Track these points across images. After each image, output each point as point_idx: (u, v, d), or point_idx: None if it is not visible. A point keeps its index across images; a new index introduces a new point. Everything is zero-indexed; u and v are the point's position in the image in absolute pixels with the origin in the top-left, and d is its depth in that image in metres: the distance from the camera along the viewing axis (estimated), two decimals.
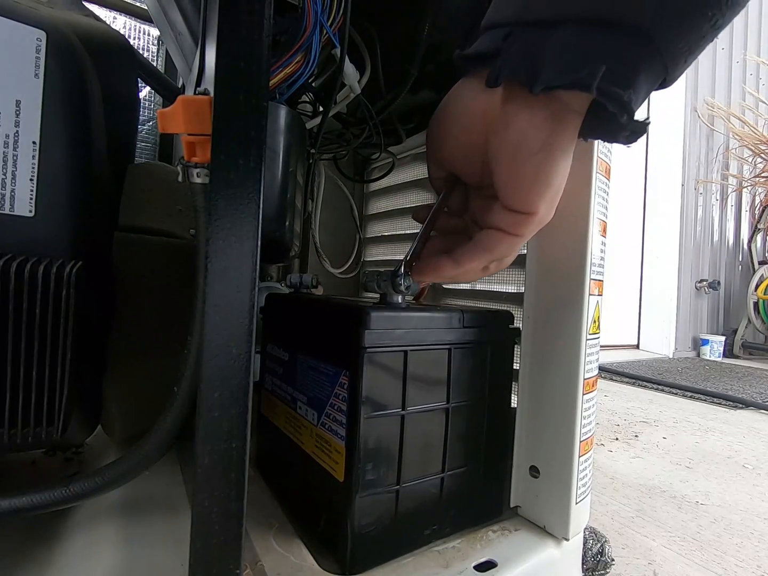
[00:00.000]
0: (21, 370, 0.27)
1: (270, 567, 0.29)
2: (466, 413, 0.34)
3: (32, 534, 0.33)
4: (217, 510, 0.20)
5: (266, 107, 0.20)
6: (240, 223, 0.20)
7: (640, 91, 0.22)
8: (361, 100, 0.48)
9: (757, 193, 2.98)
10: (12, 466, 0.41)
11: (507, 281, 0.50)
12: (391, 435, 0.30)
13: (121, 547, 0.32)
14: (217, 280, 0.20)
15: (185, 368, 0.23)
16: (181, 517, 0.36)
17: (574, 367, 0.34)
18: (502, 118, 0.26)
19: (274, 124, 0.35)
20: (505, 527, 0.36)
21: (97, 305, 0.33)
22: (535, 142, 0.26)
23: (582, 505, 0.35)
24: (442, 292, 0.60)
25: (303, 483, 0.36)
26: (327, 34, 0.36)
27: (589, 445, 0.36)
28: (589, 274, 0.34)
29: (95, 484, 0.24)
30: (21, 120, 0.27)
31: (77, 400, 0.30)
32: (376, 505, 0.30)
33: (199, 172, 0.23)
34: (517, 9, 0.24)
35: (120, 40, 0.35)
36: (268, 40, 0.20)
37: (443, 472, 0.33)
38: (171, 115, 0.22)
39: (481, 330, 0.35)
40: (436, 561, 0.31)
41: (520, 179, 0.27)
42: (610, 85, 0.21)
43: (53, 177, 0.28)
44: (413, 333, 0.31)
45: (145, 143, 0.79)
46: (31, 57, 0.27)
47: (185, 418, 0.24)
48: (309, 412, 0.34)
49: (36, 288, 0.27)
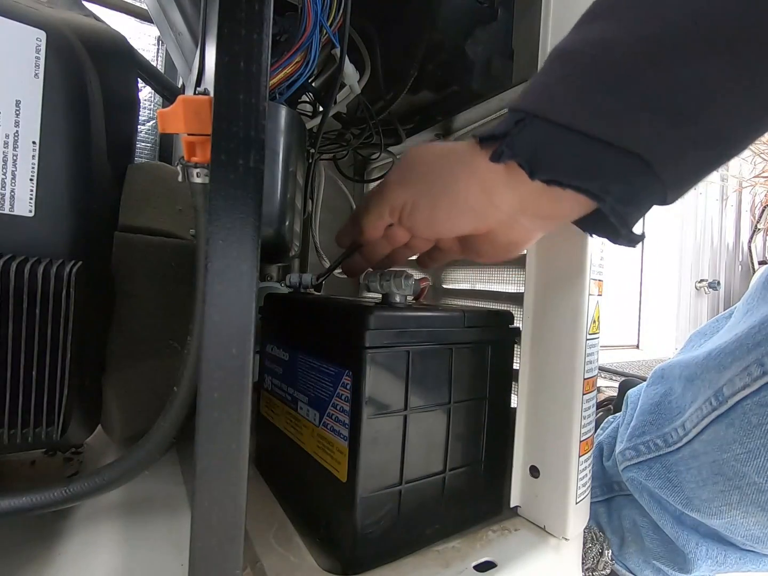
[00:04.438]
0: (21, 370, 0.27)
1: (270, 567, 0.29)
2: (467, 413, 0.34)
3: (32, 534, 0.33)
4: (217, 510, 0.20)
5: (266, 107, 0.20)
6: (240, 223, 0.20)
7: (640, 209, 0.24)
8: (361, 100, 0.48)
9: (757, 193, 2.98)
10: (12, 466, 0.41)
11: (507, 281, 0.50)
12: (393, 435, 0.30)
13: (120, 547, 0.32)
14: (217, 280, 0.19)
15: (185, 368, 0.23)
16: (181, 517, 0.36)
17: (574, 367, 0.34)
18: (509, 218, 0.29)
19: (274, 124, 0.35)
20: (504, 527, 0.36)
21: (97, 305, 0.33)
22: (529, 237, 0.30)
23: (582, 505, 0.35)
24: (443, 292, 0.60)
25: (304, 483, 0.36)
26: (327, 34, 0.36)
27: (589, 445, 0.36)
28: (589, 274, 0.34)
29: (95, 484, 0.24)
30: (21, 120, 0.27)
31: (77, 401, 0.30)
32: (379, 505, 0.30)
33: (199, 172, 0.23)
34: (535, 100, 0.25)
35: (120, 40, 0.35)
36: (268, 40, 0.20)
37: (445, 472, 0.33)
38: (171, 115, 0.22)
39: (482, 330, 0.35)
40: (436, 561, 0.31)
41: (500, 257, 0.32)
42: (613, 202, 0.23)
43: (53, 177, 0.28)
44: (415, 333, 0.31)
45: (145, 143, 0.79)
46: (31, 57, 0.27)
47: (185, 418, 0.24)
48: (310, 412, 0.34)
49: (36, 288, 0.27)
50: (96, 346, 0.35)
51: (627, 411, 0.57)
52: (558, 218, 0.28)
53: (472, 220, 0.29)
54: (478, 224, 0.29)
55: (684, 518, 0.47)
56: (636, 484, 0.50)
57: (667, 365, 0.53)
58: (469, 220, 0.29)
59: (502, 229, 0.30)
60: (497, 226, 0.30)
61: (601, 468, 0.57)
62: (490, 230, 0.30)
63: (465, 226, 0.30)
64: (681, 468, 0.45)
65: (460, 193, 0.28)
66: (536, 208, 0.27)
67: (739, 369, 0.39)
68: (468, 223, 0.29)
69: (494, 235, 0.30)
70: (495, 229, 0.30)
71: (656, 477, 0.48)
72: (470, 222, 0.29)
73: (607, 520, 0.55)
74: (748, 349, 0.39)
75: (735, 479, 0.40)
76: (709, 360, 0.44)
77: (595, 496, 0.56)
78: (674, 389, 0.49)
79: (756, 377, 0.38)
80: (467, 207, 0.28)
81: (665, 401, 0.50)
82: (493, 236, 0.31)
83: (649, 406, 0.52)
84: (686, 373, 0.47)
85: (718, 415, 0.41)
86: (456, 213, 0.29)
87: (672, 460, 0.46)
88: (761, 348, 0.38)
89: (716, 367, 0.42)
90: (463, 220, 0.29)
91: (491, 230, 0.30)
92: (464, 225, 0.30)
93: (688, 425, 0.44)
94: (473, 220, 0.29)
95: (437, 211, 0.29)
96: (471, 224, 0.29)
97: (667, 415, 0.48)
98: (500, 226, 0.29)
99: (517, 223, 0.29)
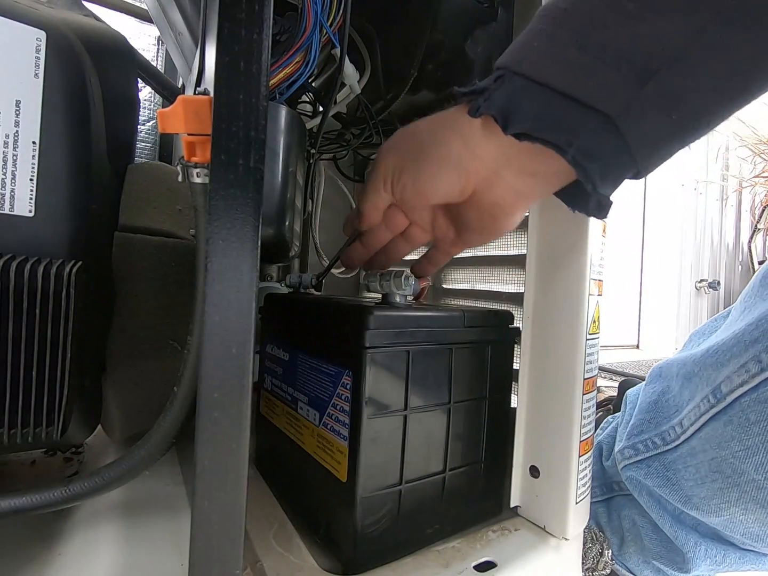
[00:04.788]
0: (21, 370, 0.27)
1: (270, 567, 0.29)
2: (467, 413, 0.34)
3: (32, 534, 0.33)
4: (217, 510, 0.20)
5: (266, 107, 0.20)
6: (240, 223, 0.20)
7: (607, 168, 0.25)
8: (361, 100, 0.48)
9: (757, 193, 2.97)
10: (12, 466, 0.41)
11: (507, 281, 0.50)
12: (393, 434, 0.30)
13: (121, 547, 0.32)
14: (216, 280, 0.19)
15: (185, 368, 0.23)
16: (181, 517, 0.36)
17: (574, 367, 0.34)
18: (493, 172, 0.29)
19: (274, 124, 0.35)
20: (504, 527, 0.36)
21: (97, 305, 0.33)
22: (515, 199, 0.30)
23: (582, 505, 0.35)
24: (443, 292, 0.60)
25: (304, 483, 0.36)
26: (327, 34, 0.36)
27: (589, 445, 0.36)
28: (589, 274, 0.34)
29: (95, 484, 0.24)
30: (21, 120, 0.27)
31: (77, 401, 0.30)
32: (379, 504, 0.30)
33: (199, 172, 0.22)
34: (513, 56, 0.26)
35: (120, 40, 0.35)
36: (268, 40, 0.20)
37: (444, 472, 0.33)
38: (171, 115, 0.22)
39: (482, 330, 0.35)
40: (436, 561, 0.31)
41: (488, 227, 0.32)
42: (576, 153, 0.24)
43: (53, 177, 0.28)
44: (415, 333, 0.31)
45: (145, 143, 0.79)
46: (31, 57, 0.27)
47: (185, 418, 0.24)
48: (310, 412, 0.34)
49: (36, 288, 0.27)
50: (96, 346, 0.35)
51: (626, 410, 0.57)
52: (540, 177, 0.28)
53: (455, 176, 0.29)
54: (462, 180, 0.29)
55: (683, 517, 0.47)
56: (635, 483, 0.50)
57: (664, 363, 0.53)
58: (453, 177, 0.29)
59: (485, 187, 0.30)
60: (481, 185, 0.30)
61: (601, 468, 0.57)
62: (475, 192, 0.30)
63: (450, 184, 0.30)
64: (679, 466, 0.45)
65: (442, 150, 0.29)
66: (519, 162, 0.28)
67: (736, 366, 0.39)
68: (452, 180, 0.30)
69: (479, 197, 0.30)
70: (478, 189, 0.30)
71: (655, 475, 0.48)
72: (454, 179, 0.29)
73: (607, 520, 0.55)
74: (745, 345, 0.39)
75: (734, 476, 0.40)
76: (706, 357, 0.44)
77: (594, 496, 0.56)
78: (672, 387, 0.49)
79: (754, 374, 0.38)
80: (450, 162, 0.29)
81: (663, 399, 0.50)
82: (478, 199, 0.31)
83: (647, 404, 0.52)
84: (684, 371, 0.47)
85: (716, 412, 0.41)
86: (439, 170, 0.30)
87: (670, 458, 0.46)
88: (759, 345, 0.38)
89: (714, 364, 0.42)
90: (447, 177, 0.30)
91: (475, 192, 0.30)
92: (449, 183, 0.30)
93: (685, 423, 0.44)
94: (456, 177, 0.29)
95: (422, 172, 0.30)
96: (455, 181, 0.30)
97: (665, 413, 0.48)
98: (484, 184, 0.30)
99: (500, 180, 0.29)
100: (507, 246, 0.51)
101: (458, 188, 0.30)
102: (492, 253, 0.53)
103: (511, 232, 0.50)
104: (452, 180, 0.30)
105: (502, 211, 0.31)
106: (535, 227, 0.38)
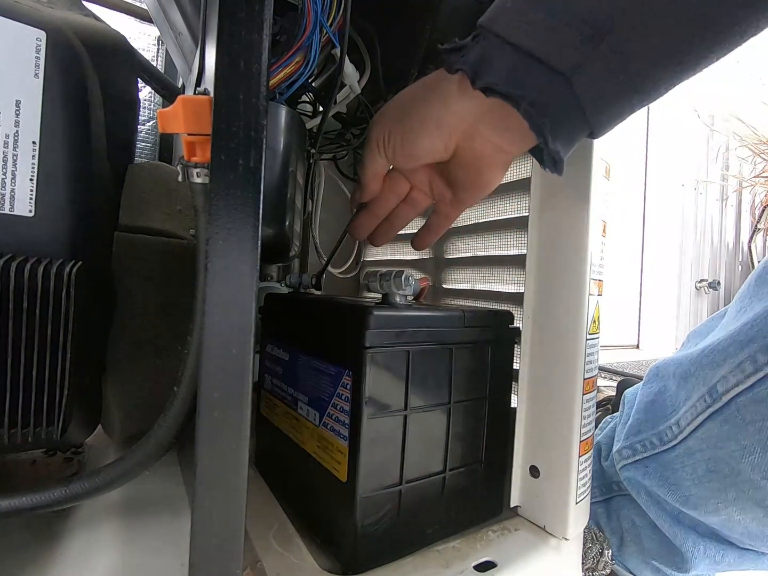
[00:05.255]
0: (21, 370, 0.27)
1: (270, 567, 0.29)
2: (467, 413, 0.34)
3: (32, 534, 0.33)
4: (217, 510, 0.20)
5: (266, 107, 0.20)
6: (240, 223, 0.20)
7: (559, 123, 0.27)
8: (361, 100, 0.48)
9: (757, 193, 2.97)
10: (12, 466, 0.41)
11: (507, 281, 0.50)
12: (393, 434, 0.30)
13: (121, 547, 0.32)
14: (217, 280, 0.19)
15: (185, 368, 0.23)
16: (181, 517, 0.36)
17: (574, 367, 0.34)
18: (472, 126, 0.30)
19: (274, 124, 0.35)
20: (505, 527, 0.36)
21: (97, 305, 0.33)
22: (493, 152, 0.31)
23: (582, 505, 0.35)
24: (443, 292, 0.60)
25: (304, 483, 0.36)
26: (327, 34, 0.36)
27: (589, 445, 0.36)
28: (589, 274, 0.34)
29: (95, 484, 0.24)
30: (21, 120, 0.27)
31: (77, 400, 0.30)
32: (379, 504, 0.30)
33: (199, 172, 0.22)
34: (489, 17, 0.28)
35: (120, 40, 0.35)
36: (268, 40, 0.20)
37: (445, 472, 0.33)
38: (171, 115, 0.22)
39: (482, 330, 0.35)
40: (436, 561, 0.31)
41: (475, 182, 0.33)
42: (528, 106, 0.26)
43: (53, 177, 0.28)
44: (415, 333, 0.31)
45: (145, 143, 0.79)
46: (31, 57, 0.27)
47: (185, 418, 0.24)
48: (310, 412, 0.34)
49: (36, 288, 0.27)
50: (96, 346, 0.35)
51: (624, 410, 0.57)
52: (514, 132, 0.29)
53: (436, 133, 0.31)
54: (444, 137, 0.31)
55: (682, 517, 0.47)
56: (633, 483, 0.50)
57: (661, 363, 0.53)
58: (435, 134, 0.31)
59: (465, 142, 0.31)
60: (461, 140, 0.31)
61: (600, 468, 0.57)
62: (457, 147, 0.32)
63: (432, 141, 0.32)
64: (677, 466, 0.45)
65: (423, 109, 0.31)
66: (491, 117, 0.29)
67: (732, 366, 0.39)
68: (433, 136, 0.31)
69: (461, 152, 0.32)
70: (460, 144, 0.32)
71: (653, 475, 0.48)
72: (435, 135, 0.31)
73: (606, 521, 0.55)
74: (740, 345, 0.39)
75: (731, 476, 0.40)
76: (702, 357, 0.44)
77: (593, 497, 0.56)
78: (669, 387, 0.49)
79: (749, 374, 0.38)
80: (431, 120, 0.31)
81: (660, 399, 0.50)
82: (461, 155, 0.32)
83: (644, 404, 0.52)
84: (680, 371, 0.47)
85: (712, 412, 0.41)
86: (421, 128, 0.31)
87: (668, 458, 0.47)
88: (754, 344, 0.38)
89: (710, 364, 0.42)
90: (429, 134, 0.31)
91: (458, 147, 0.32)
92: (431, 140, 0.31)
93: (682, 423, 0.45)
94: (438, 134, 0.31)
95: (407, 132, 0.32)
96: (437, 138, 0.31)
97: (661, 413, 0.49)
98: (463, 138, 0.31)
99: (477, 134, 0.31)
100: (507, 246, 0.51)
101: (441, 145, 0.32)
102: (492, 253, 0.53)
103: (511, 232, 0.50)
104: (434, 137, 0.31)
105: (484, 163, 0.32)
106: (535, 227, 0.38)
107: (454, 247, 0.59)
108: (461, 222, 0.57)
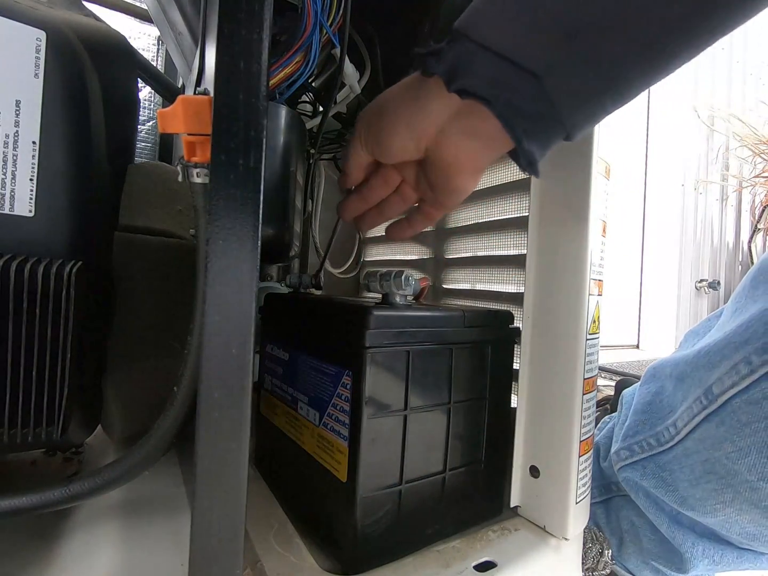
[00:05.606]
0: (21, 370, 0.27)
1: (270, 567, 0.29)
2: (467, 413, 0.34)
3: (32, 534, 0.33)
4: (217, 510, 0.20)
5: (266, 107, 0.20)
6: (240, 223, 0.20)
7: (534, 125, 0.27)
8: (361, 100, 0.48)
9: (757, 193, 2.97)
10: (12, 466, 0.41)
11: (507, 281, 0.50)
12: (393, 434, 0.30)
13: (121, 548, 0.32)
14: (217, 280, 0.19)
15: (185, 368, 0.23)
16: (181, 517, 0.36)
17: (574, 367, 0.34)
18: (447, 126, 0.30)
19: (274, 124, 0.35)
20: (505, 527, 0.36)
21: (97, 305, 0.33)
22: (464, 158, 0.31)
23: (582, 505, 0.35)
24: (443, 293, 0.60)
25: (304, 483, 0.36)
26: (327, 34, 0.36)
27: (589, 445, 0.36)
28: (589, 274, 0.34)
29: (95, 484, 0.24)
30: (21, 120, 0.27)
31: (77, 400, 0.30)
32: (379, 504, 0.30)
33: (199, 172, 0.22)
34: (464, 20, 0.28)
35: (120, 40, 0.35)
36: (268, 40, 0.20)
37: (444, 472, 0.33)
38: (171, 115, 0.22)
39: (482, 330, 0.35)
40: (436, 561, 0.31)
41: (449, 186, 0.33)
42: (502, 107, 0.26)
43: (53, 177, 0.28)
44: (415, 333, 0.31)
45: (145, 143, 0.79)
46: (31, 57, 0.27)
47: (185, 418, 0.24)
48: (310, 412, 0.34)
49: (36, 288, 0.27)
50: (96, 345, 0.35)
51: (622, 411, 0.57)
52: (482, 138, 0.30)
53: (407, 133, 0.31)
54: (414, 138, 0.31)
55: (680, 518, 0.47)
56: (631, 484, 0.50)
57: (658, 364, 0.53)
58: (405, 134, 0.31)
59: (435, 145, 0.31)
60: (431, 143, 0.31)
61: (599, 469, 0.57)
62: (427, 149, 0.32)
63: (403, 140, 0.32)
64: (674, 467, 0.45)
65: (399, 109, 0.32)
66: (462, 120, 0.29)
67: (727, 367, 0.39)
68: (404, 136, 0.32)
69: (432, 155, 0.32)
70: (430, 146, 0.32)
71: (651, 476, 0.48)
72: (406, 135, 0.31)
73: (606, 521, 0.55)
74: (736, 347, 0.39)
75: (727, 477, 0.40)
76: (698, 358, 0.44)
77: (593, 497, 0.56)
78: (665, 388, 0.49)
79: (744, 375, 0.38)
80: (403, 119, 0.31)
81: (657, 400, 0.50)
82: (432, 157, 0.32)
83: (641, 405, 0.52)
84: (677, 372, 0.47)
85: (709, 413, 0.41)
86: (394, 126, 0.32)
87: (665, 459, 0.47)
88: (749, 346, 0.38)
89: (706, 365, 0.42)
90: (400, 134, 0.32)
91: (428, 149, 0.32)
92: (401, 139, 0.32)
93: (679, 424, 0.45)
94: (409, 134, 0.31)
95: (382, 130, 0.33)
96: (407, 138, 0.31)
97: (659, 414, 0.48)
98: (433, 141, 0.31)
99: (446, 137, 0.31)
100: (507, 246, 0.51)
101: (412, 145, 0.32)
102: (492, 253, 0.53)
103: (511, 232, 0.50)
104: (405, 136, 0.31)
105: (453, 169, 0.32)
106: (535, 227, 0.38)
107: (454, 247, 0.59)
108: (461, 222, 0.57)
